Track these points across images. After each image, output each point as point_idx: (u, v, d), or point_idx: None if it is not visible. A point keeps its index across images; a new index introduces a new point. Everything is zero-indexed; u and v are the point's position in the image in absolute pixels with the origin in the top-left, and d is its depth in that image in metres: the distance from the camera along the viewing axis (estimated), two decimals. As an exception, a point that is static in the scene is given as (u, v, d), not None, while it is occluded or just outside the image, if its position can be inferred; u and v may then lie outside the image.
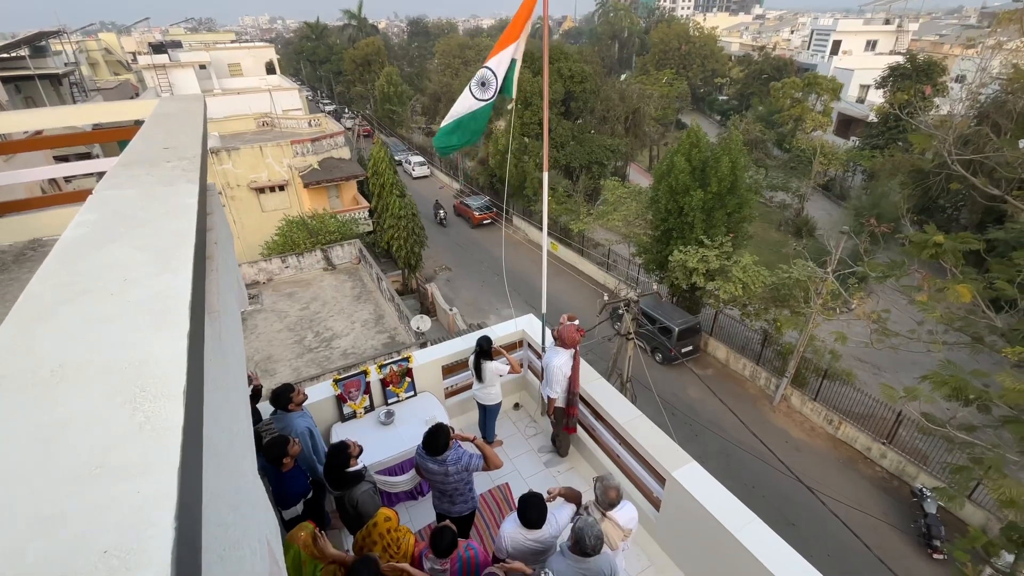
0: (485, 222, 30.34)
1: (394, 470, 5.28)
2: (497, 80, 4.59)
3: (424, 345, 12.15)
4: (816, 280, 14.33)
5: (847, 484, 13.58)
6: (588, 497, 3.91)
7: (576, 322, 5.35)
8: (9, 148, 5.66)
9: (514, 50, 4.53)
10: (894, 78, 31.45)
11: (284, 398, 4.68)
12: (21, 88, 21.16)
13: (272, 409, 4.81)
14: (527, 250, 27.64)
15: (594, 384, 5.63)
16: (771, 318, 16.46)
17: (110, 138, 5.20)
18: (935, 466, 12.92)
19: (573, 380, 5.34)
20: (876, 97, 35.44)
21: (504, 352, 5.72)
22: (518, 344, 6.80)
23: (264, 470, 4.14)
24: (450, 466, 4.09)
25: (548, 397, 5.44)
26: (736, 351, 17.91)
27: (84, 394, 0.98)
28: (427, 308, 21.70)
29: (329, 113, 44.61)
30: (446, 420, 5.60)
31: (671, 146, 26.78)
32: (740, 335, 18.12)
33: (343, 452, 4.05)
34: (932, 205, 23.59)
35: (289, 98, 31.79)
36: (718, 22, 78.12)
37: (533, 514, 3.51)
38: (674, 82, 46.22)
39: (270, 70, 37.91)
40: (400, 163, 38.61)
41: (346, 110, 58.63)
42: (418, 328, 14.09)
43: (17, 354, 1.06)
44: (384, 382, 5.87)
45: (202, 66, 33.12)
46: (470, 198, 31.88)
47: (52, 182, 10.79)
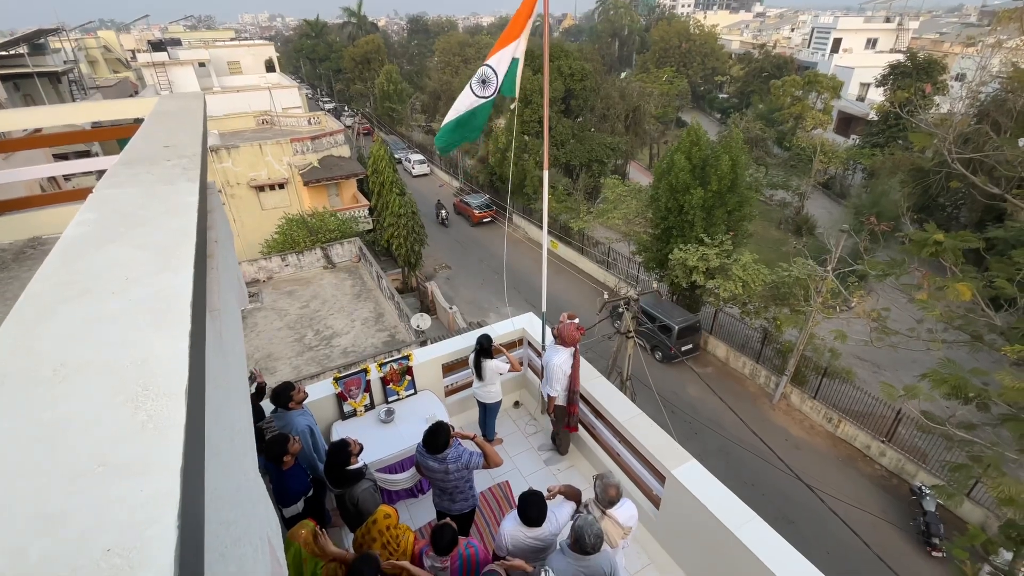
0: (485, 220, 30.32)
1: (394, 468, 5.28)
2: (498, 78, 4.59)
3: (424, 343, 12.16)
4: (816, 278, 14.33)
5: (846, 482, 13.60)
6: (588, 495, 3.92)
7: (576, 320, 5.36)
8: (8, 146, 5.65)
9: (515, 48, 4.52)
10: (894, 76, 31.41)
11: (284, 396, 4.68)
12: (20, 86, 21.12)
13: (273, 407, 4.81)
14: (527, 248, 27.63)
15: (594, 382, 5.64)
16: (771, 316, 16.48)
17: (109, 136, 5.20)
18: (934, 464, 12.94)
19: (573, 378, 5.34)
20: (876, 95, 35.40)
21: (504, 350, 5.73)
22: (518, 343, 6.80)
23: (265, 468, 4.15)
24: (450, 464, 4.10)
25: (548, 395, 5.45)
26: (736, 349, 17.92)
27: (85, 393, 0.98)
28: (427, 306, 21.70)
29: (329, 111, 44.59)
30: (446, 418, 5.61)
31: (671, 144, 26.79)
32: (740, 333, 18.12)
33: (343, 450, 4.05)
34: (932, 203, 23.59)
35: (289, 96, 31.73)
36: (718, 20, 78.08)
37: (533, 512, 3.52)
38: (674, 80, 46.13)
39: (270, 68, 37.83)
40: (400, 161, 38.55)
41: (346, 108, 58.50)
42: (418, 326, 14.10)
43: (18, 353, 1.06)
44: (384, 380, 5.87)
45: (201, 64, 33.03)
46: (470, 196, 31.86)
47: (51, 180, 10.77)
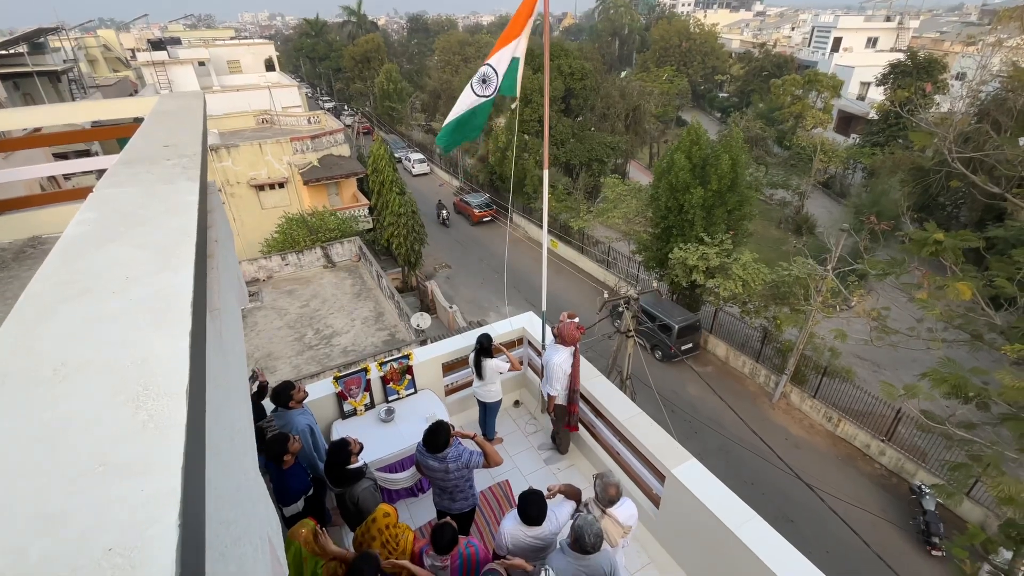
0: (485, 219, 30.32)
1: (394, 467, 5.28)
2: (498, 77, 4.58)
3: (424, 343, 12.16)
4: (816, 278, 14.33)
5: (846, 481, 13.61)
6: (588, 494, 3.92)
7: (576, 319, 5.36)
8: (8, 145, 5.64)
9: (515, 47, 4.52)
10: (895, 75, 31.41)
11: (284, 395, 4.69)
12: (20, 85, 21.11)
13: (273, 406, 4.82)
14: (527, 247, 27.63)
15: (594, 381, 5.64)
16: (771, 316, 16.48)
17: (109, 135, 5.20)
18: (934, 463, 12.94)
19: (573, 377, 5.34)
20: (877, 94, 35.41)
21: (504, 350, 5.73)
22: (518, 342, 6.80)
23: (265, 467, 4.15)
24: (450, 463, 4.10)
25: (548, 394, 5.45)
26: (736, 348, 17.92)
27: (86, 393, 0.98)
28: (427, 306, 21.70)
29: (329, 110, 44.60)
30: (446, 417, 5.61)
31: (671, 143, 26.76)
32: (740, 332, 18.13)
33: (344, 449, 4.06)
34: (932, 203, 23.59)
35: (288, 95, 31.69)
36: (719, 19, 78.04)
37: (533, 511, 3.52)
38: (674, 79, 46.09)
39: (269, 67, 37.81)
40: (400, 160, 38.53)
41: (346, 107, 58.43)
42: (418, 325, 14.10)
43: (19, 353, 1.06)
44: (384, 379, 5.87)
45: (201, 63, 33.00)
46: (470, 195, 31.85)
47: (51, 179, 10.76)
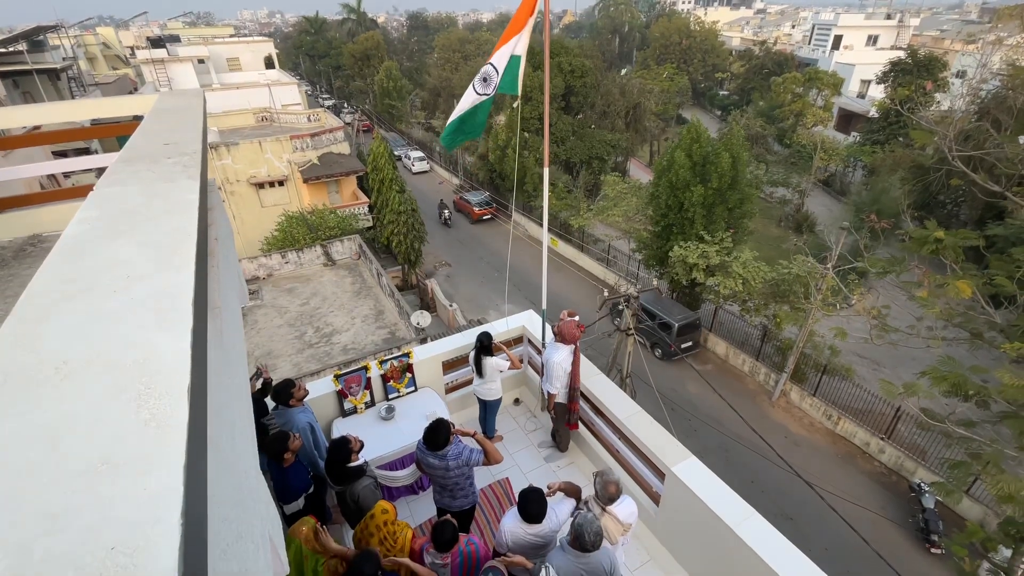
0: (485, 218, 30.30)
1: (395, 465, 5.29)
2: (498, 74, 4.58)
3: (424, 341, 12.17)
4: (816, 276, 14.33)
5: (845, 479, 13.64)
6: (588, 492, 3.93)
7: (576, 318, 5.36)
8: (8, 144, 5.64)
9: (515, 45, 4.51)
10: (895, 73, 31.38)
11: (285, 393, 4.69)
12: (19, 83, 21.07)
13: (274, 404, 4.82)
14: (526, 245, 27.61)
15: (594, 380, 5.65)
16: (771, 314, 16.49)
17: (109, 134, 5.19)
18: (933, 461, 12.97)
19: (573, 376, 5.35)
20: (877, 92, 35.38)
21: (504, 348, 5.73)
22: (517, 340, 6.81)
23: (267, 465, 4.16)
24: (450, 461, 4.10)
25: (548, 393, 5.46)
26: (736, 347, 17.93)
27: (88, 391, 0.98)
28: (427, 304, 21.71)
29: (328, 108, 44.44)
30: (446, 415, 5.62)
31: (671, 141, 26.73)
32: (740, 331, 18.13)
33: (344, 447, 4.06)
34: (932, 201, 23.59)
35: (288, 93, 31.64)
36: (719, 16, 77.80)
37: (533, 509, 3.53)
38: (675, 77, 46.02)
39: (269, 65, 37.75)
40: (400, 158, 38.48)
41: (345, 105, 58.34)
42: (418, 324, 14.10)
43: (22, 351, 1.06)
44: (385, 378, 5.88)
45: (200, 61, 32.93)
46: (470, 193, 31.82)
47: (51, 178, 10.76)
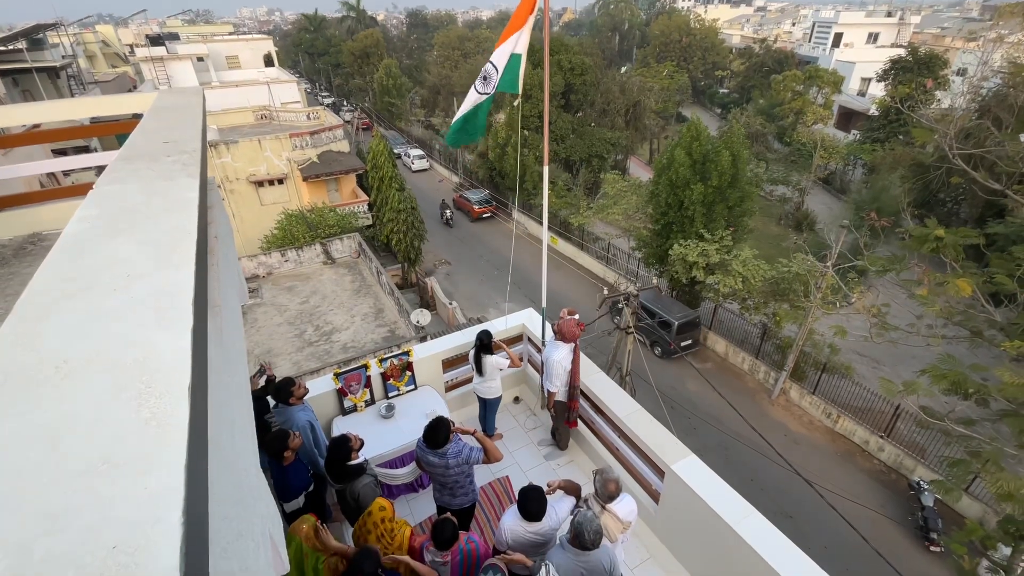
0: (485, 216, 30.27)
1: (395, 463, 5.30)
2: (497, 73, 4.57)
3: (424, 339, 12.18)
4: (816, 274, 14.33)
5: (845, 477, 13.65)
6: (588, 490, 3.94)
7: (576, 316, 5.36)
8: (7, 142, 5.64)
9: (515, 43, 4.50)
10: (895, 71, 31.35)
11: (285, 392, 4.70)
12: (19, 81, 21.03)
13: (274, 403, 4.83)
14: (526, 244, 27.58)
15: (594, 378, 5.65)
16: (770, 312, 16.49)
17: (108, 132, 5.18)
18: (933, 459, 12.98)
19: (573, 374, 5.35)
20: (877, 90, 35.34)
21: (504, 346, 5.73)
22: (518, 339, 6.81)
23: (268, 464, 4.17)
24: (450, 459, 4.10)
25: (548, 391, 5.46)
26: (735, 345, 17.94)
27: (88, 390, 0.98)
28: (427, 302, 21.70)
29: (328, 106, 44.38)
30: (446, 413, 5.62)
31: (671, 139, 26.72)
32: (739, 329, 18.14)
33: (344, 445, 4.06)
34: (932, 199, 23.57)
35: (287, 91, 31.58)
36: (719, 14, 77.55)
37: (533, 507, 3.54)
38: (675, 75, 45.93)
39: (268, 62, 37.66)
40: (399, 156, 38.42)
41: (345, 103, 58.26)
42: (418, 322, 14.10)
43: (22, 350, 1.06)
44: (384, 376, 5.88)
45: (200, 58, 32.85)
46: (469, 192, 31.79)
47: (51, 176, 10.74)
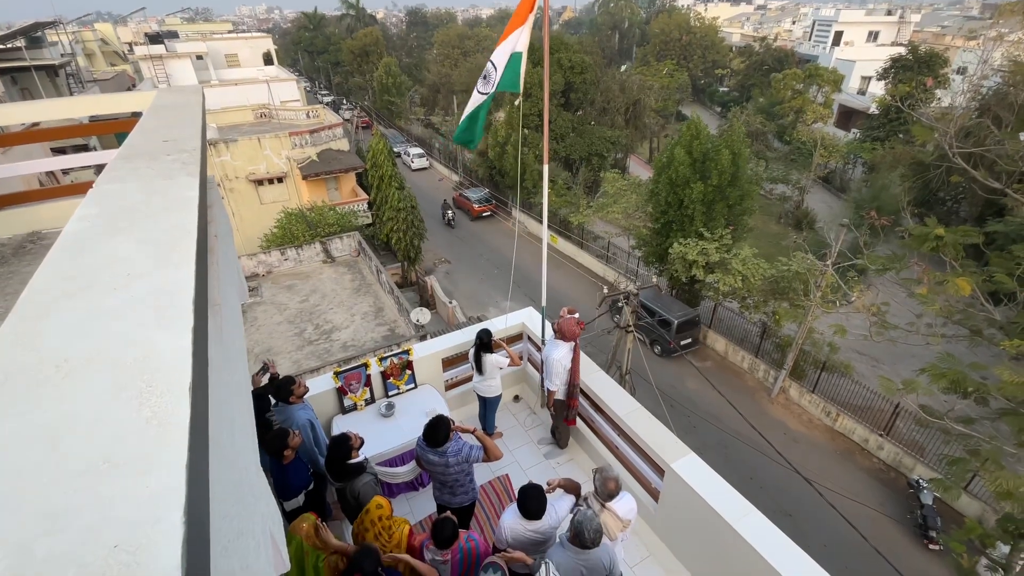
0: (484, 215, 30.26)
1: (395, 461, 5.30)
2: (497, 72, 4.56)
3: (424, 338, 12.18)
4: (815, 273, 14.33)
5: (844, 475, 13.67)
6: (587, 488, 3.94)
7: (576, 315, 5.37)
8: (6, 140, 5.63)
9: (515, 41, 4.49)
10: (896, 70, 31.31)
11: (285, 390, 4.70)
12: (17, 79, 21.02)
13: (274, 401, 4.83)
14: (526, 242, 27.58)
15: (593, 376, 5.66)
16: (770, 311, 16.49)
17: (107, 130, 5.19)
18: (932, 458, 13.00)
19: (573, 373, 5.35)
20: (877, 89, 35.30)
21: (504, 345, 5.73)
22: (517, 337, 6.81)
23: (268, 463, 4.17)
24: (450, 457, 4.11)
25: (548, 389, 5.46)
26: (735, 343, 17.95)
27: (89, 390, 0.98)
28: (427, 301, 21.70)
29: (327, 104, 44.32)
30: (446, 412, 5.63)
31: (671, 138, 26.71)
32: (739, 327, 18.15)
33: (344, 444, 4.07)
34: (932, 198, 23.56)
35: (287, 89, 31.55)
36: (719, 13, 77.45)
37: (533, 505, 3.54)
38: (675, 73, 45.88)
39: (268, 61, 37.59)
40: (399, 155, 38.36)
41: (344, 101, 58.17)
42: (418, 321, 14.10)
43: (22, 349, 1.06)
44: (384, 375, 5.88)
45: (199, 57, 32.81)
46: (469, 190, 31.77)
47: (50, 175, 10.73)
